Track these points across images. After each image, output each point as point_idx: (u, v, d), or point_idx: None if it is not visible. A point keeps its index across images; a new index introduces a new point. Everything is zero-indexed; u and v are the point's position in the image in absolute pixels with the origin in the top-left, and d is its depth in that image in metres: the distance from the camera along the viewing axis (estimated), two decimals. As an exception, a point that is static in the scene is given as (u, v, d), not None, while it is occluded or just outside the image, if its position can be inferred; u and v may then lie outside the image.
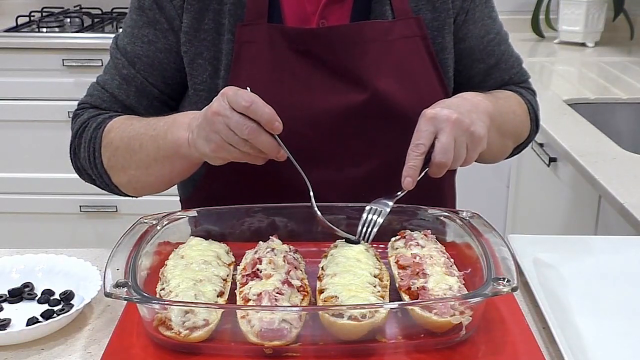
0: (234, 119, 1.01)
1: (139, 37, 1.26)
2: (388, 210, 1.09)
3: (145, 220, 1.09)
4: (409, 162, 1.07)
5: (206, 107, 1.06)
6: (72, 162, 1.31)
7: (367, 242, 1.07)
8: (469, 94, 1.17)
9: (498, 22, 1.36)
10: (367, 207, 1.10)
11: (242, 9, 1.22)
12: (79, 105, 1.31)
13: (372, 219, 1.09)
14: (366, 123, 1.22)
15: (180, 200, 1.39)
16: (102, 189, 1.32)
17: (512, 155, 1.41)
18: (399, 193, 1.09)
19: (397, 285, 1.00)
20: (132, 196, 1.32)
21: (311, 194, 1.08)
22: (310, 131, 1.20)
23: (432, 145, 1.07)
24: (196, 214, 1.14)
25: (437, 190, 1.33)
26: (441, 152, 1.06)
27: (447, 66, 1.27)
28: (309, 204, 1.14)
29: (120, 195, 1.31)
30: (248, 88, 1.04)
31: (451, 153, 1.06)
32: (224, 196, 1.19)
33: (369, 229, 1.08)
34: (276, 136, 1.03)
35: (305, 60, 1.21)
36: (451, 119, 1.06)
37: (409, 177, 1.07)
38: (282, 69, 1.21)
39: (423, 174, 1.08)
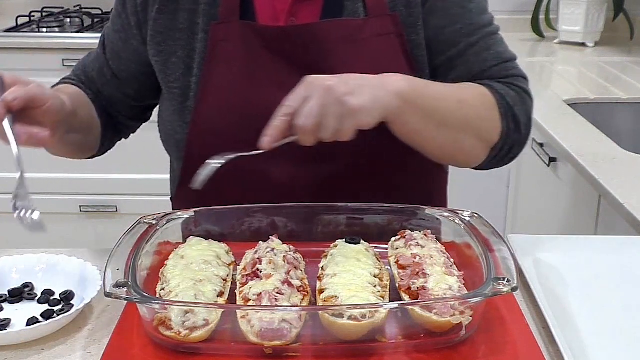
0: None
1: (113, 23, 1.36)
2: (225, 160, 1.06)
3: (145, 220, 1.09)
4: (271, 122, 1.04)
5: None
6: None
7: (195, 186, 1.05)
8: (393, 74, 1.11)
9: (479, 14, 1.27)
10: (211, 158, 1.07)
11: (216, 8, 1.24)
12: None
13: (207, 163, 1.07)
14: None
15: (170, 199, 1.40)
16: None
17: (494, 161, 1.26)
18: (250, 152, 1.06)
19: (397, 285, 1.00)
20: None
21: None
22: None
23: None
24: (195, 214, 1.14)
25: (426, 194, 1.31)
26: (303, 115, 1.02)
27: (422, 63, 1.25)
28: (309, 204, 1.14)
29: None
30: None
31: (312, 119, 1.02)
32: (205, 194, 1.15)
33: (201, 174, 1.06)
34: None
35: (277, 58, 1.22)
36: (324, 85, 1.02)
37: (267, 136, 1.04)
38: (254, 67, 1.22)
39: (290, 140, 1.04)
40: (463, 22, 1.25)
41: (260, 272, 0.98)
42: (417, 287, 0.96)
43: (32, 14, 3.20)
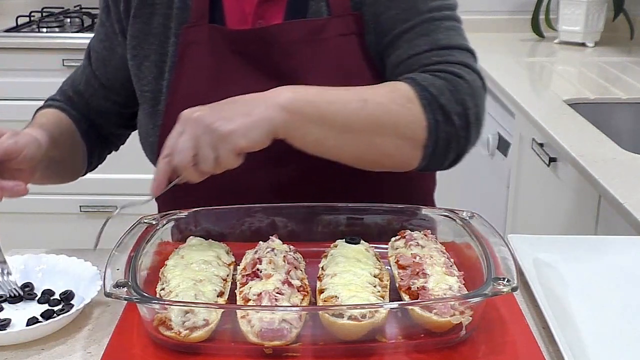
0: None
1: (97, 33, 1.37)
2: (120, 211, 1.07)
3: (145, 220, 1.09)
4: (156, 167, 1.04)
5: None
6: None
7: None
8: (282, 87, 1.07)
9: (421, 1, 1.18)
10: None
11: (187, 11, 1.24)
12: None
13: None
14: None
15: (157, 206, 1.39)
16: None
17: (436, 159, 1.15)
18: (145, 198, 1.07)
19: (397, 285, 1.00)
20: None
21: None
22: None
23: None
24: (195, 214, 1.14)
25: (413, 184, 1.30)
26: (177, 153, 1.01)
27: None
28: (309, 204, 1.14)
29: None
30: None
31: (186, 153, 1.00)
32: (185, 196, 1.14)
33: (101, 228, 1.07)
34: None
35: (243, 61, 1.22)
36: (192, 117, 1.01)
37: (154, 182, 1.04)
38: (222, 70, 1.22)
39: (180, 180, 1.04)
40: (399, 7, 1.18)
41: (260, 272, 0.98)
42: (417, 287, 0.96)
43: (32, 14, 3.21)
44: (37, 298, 1.05)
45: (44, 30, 3.09)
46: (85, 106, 1.38)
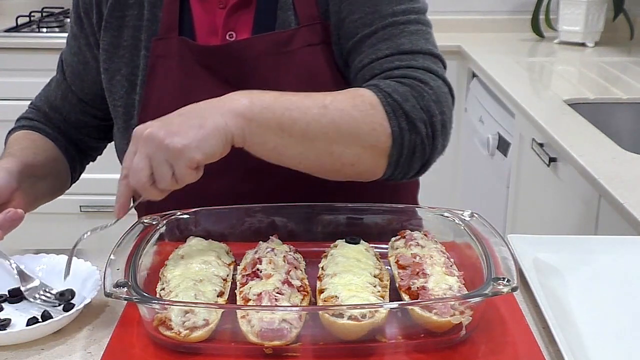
0: None
1: (69, 47, 1.35)
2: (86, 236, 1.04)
3: (145, 220, 1.09)
4: (118, 190, 1.01)
5: None
6: None
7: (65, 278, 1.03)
8: (236, 93, 1.03)
9: (385, 4, 1.15)
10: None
11: (157, 23, 1.23)
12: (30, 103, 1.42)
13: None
14: None
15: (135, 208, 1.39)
16: None
17: (402, 168, 1.11)
18: (111, 222, 1.04)
19: (397, 285, 1.00)
20: None
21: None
22: None
23: None
24: (195, 214, 1.14)
25: (394, 191, 1.26)
26: (133, 172, 0.98)
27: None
28: (309, 204, 1.14)
29: None
30: None
31: (141, 173, 0.97)
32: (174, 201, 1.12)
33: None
34: None
35: (212, 75, 1.20)
36: (143, 135, 0.97)
37: (117, 204, 1.02)
38: (190, 84, 1.21)
39: (143, 199, 1.02)
40: (363, 10, 1.15)
41: (260, 272, 0.98)
42: (417, 287, 0.96)
43: (32, 14, 3.21)
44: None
45: (44, 30, 3.09)
46: (62, 122, 1.36)
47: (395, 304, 0.94)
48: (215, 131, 0.98)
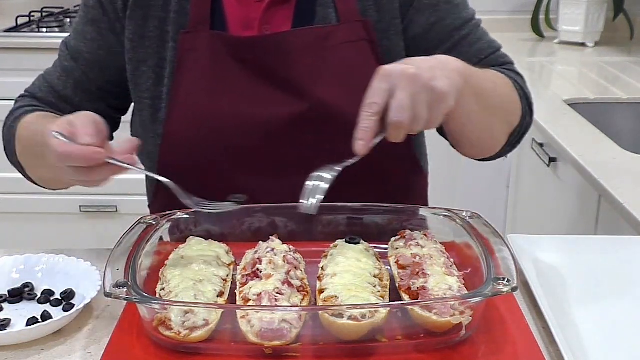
0: (66, 171, 1.01)
1: (82, 33, 1.28)
2: (334, 174, 0.98)
3: (145, 220, 1.09)
4: (360, 124, 0.96)
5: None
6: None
7: (314, 212, 0.98)
8: (437, 55, 1.05)
9: (463, 8, 1.27)
10: (312, 174, 0.99)
11: (186, 16, 1.21)
12: (20, 94, 1.35)
13: (316, 185, 0.99)
14: (310, 131, 1.19)
15: (148, 206, 1.38)
16: (22, 175, 1.32)
17: (508, 147, 1.26)
18: (350, 160, 0.99)
19: (397, 285, 1.00)
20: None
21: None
22: (252, 141, 1.19)
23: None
24: (195, 214, 1.14)
25: (406, 189, 1.29)
26: (396, 110, 0.94)
27: None
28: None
29: (34, 183, 1.32)
30: (55, 133, 0.99)
31: (407, 111, 0.94)
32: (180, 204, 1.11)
33: (314, 199, 0.98)
34: (114, 159, 0.98)
35: (246, 69, 1.20)
36: (407, 73, 0.95)
37: (361, 140, 0.95)
38: (223, 78, 1.20)
39: (380, 138, 0.97)
40: (452, 17, 1.24)
41: (260, 272, 0.98)
42: (417, 287, 0.96)
43: (32, 14, 3.20)
44: (37, 298, 1.05)
45: (44, 30, 3.08)
46: (72, 113, 1.26)
47: (395, 304, 0.94)
48: (456, 84, 0.99)
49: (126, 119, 1.35)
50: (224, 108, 1.19)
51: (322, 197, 0.97)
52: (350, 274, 0.98)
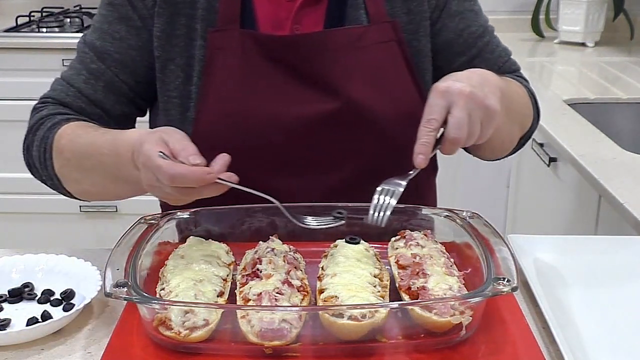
0: (167, 190, 0.99)
1: (109, 33, 1.24)
2: (401, 190, 1.01)
3: (145, 220, 1.09)
4: (420, 139, 1.00)
5: (140, 146, 1.00)
6: (24, 157, 1.27)
7: (381, 225, 0.99)
8: (476, 69, 1.10)
9: (482, 15, 1.32)
10: (379, 189, 1.01)
11: (215, 14, 1.20)
12: (40, 99, 1.28)
13: (384, 200, 1.01)
14: (340, 131, 1.20)
15: (160, 205, 1.38)
16: (52, 189, 1.26)
17: (517, 148, 1.34)
18: (411, 172, 1.02)
19: (397, 285, 1.00)
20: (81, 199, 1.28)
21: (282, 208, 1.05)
22: (282, 140, 1.19)
23: (445, 122, 1.01)
24: (195, 214, 1.14)
25: (414, 190, 1.29)
26: (455, 127, 0.99)
27: (423, 70, 1.25)
28: (309, 204, 1.14)
29: (68, 197, 1.27)
30: (161, 152, 0.97)
31: (465, 128, 1.00)
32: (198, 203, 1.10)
33: (382, 213, 0.99)
34: (221, 178, 0.97)
35: (278, 68, 1.19)
36: (464, 92, 1.00)
37: (422, 155, 1.00)
38: (254, 77, 1.19)
39: (435, 151, 1.02)
40: (476, 24, 1.29)
41: (260, 272, 0.98)
42: (417, 287, 0.96)
43: (32, 14, 3.20)
44: (37, 298, 1.05)
45: (44, 30, 3.08)
46: (103, 116, 1.25)
47: (395, 304, 0.94)
48: (501, 102, 1.04)
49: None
50: (255, 107, 1.19)
51: (390, 212, 1.00)
52: (350, 274, 0.98)
